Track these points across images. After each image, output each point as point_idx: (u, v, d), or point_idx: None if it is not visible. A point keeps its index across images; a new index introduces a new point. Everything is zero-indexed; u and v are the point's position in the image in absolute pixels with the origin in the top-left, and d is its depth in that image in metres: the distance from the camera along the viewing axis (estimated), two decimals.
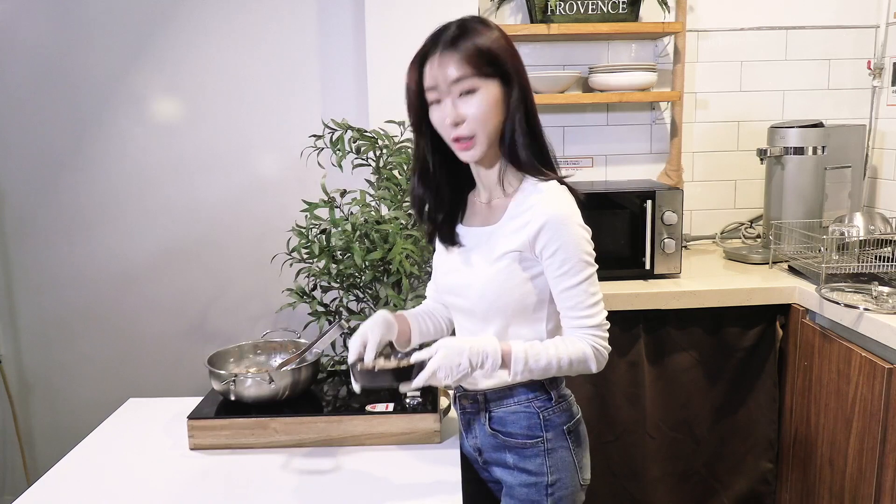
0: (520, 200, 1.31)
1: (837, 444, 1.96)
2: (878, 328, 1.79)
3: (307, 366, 1.63)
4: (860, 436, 1.86)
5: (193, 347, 2.71)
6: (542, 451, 1.36)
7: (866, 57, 2.70)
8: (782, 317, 2.21)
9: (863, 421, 1.84)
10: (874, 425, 1.79)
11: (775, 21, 2.69)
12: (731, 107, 2.74)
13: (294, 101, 2.63)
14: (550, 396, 1.37)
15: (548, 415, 1.37)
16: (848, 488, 1.92)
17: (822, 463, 2.04)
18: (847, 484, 1.92)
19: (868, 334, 1.82)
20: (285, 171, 2.64)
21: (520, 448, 1.37)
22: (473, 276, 1.34)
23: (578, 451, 1.40)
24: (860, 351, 1.85)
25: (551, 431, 1.37)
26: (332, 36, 2.60)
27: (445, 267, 1.42)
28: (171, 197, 2.68)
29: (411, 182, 1.40)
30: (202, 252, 2.71)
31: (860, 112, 2.72)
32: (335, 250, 1.99)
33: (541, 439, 1.36)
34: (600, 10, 2.50)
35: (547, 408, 1.37)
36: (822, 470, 2.05)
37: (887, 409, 1.75)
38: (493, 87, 1.26)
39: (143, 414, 1.74)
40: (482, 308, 1.33)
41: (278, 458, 1.49)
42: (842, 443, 1.94)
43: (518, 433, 1.37)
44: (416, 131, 1.37)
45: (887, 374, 1.74)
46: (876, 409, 1.79)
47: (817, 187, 2.41)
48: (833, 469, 1.99)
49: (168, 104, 2.64)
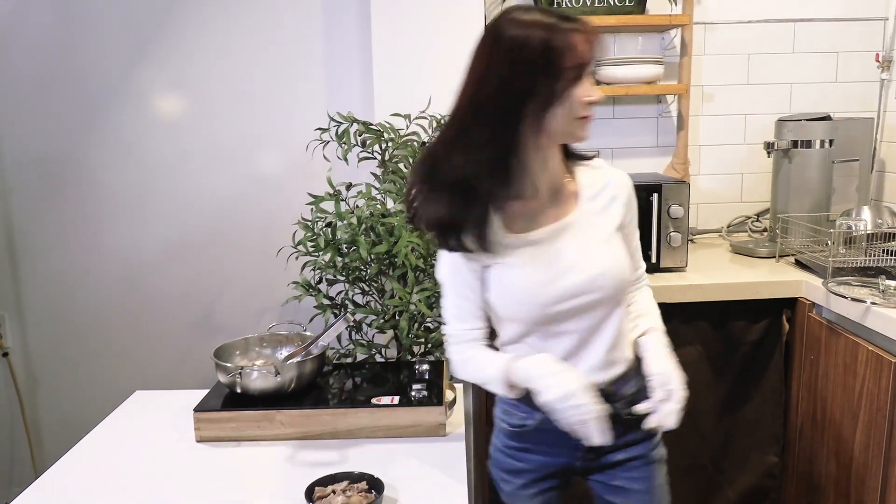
0: (591, 181, 1.34)
1: (843, 438, 1.96)
2: (885, 322, 1.78)
3: (313, 359, 1.63)
4: (866, 429, 1.85)
5: (200, 340, 2.72)
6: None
7: (875, 50, 2.68)
8: (789, 311, 2.20)
9: (869, 415, 1.84)
10: (881, 419, 1.79)
11: (783, 14, 2.68)
12: (738, 100, 2.73)
13: (299, 94, 2.63)
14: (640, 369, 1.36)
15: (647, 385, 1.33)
16: (854, 482, 1.91)
17: (828, 457, 2.04)
18: (853, 478, 1.92)
19: (875, 328, 1.82)
20: (291, 164, 2.64)
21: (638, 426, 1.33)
22: (600, 262, 1.29)
23: None
24: (867, 345, 1.85)
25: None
26: (338, 28, 2.59)
27: (538, 276, 1.27)
28: (177, 192, 2.68)
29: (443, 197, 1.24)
30: (208, 246, 2.71)
31: (868, 105, 2.71)
32: (341, 243, 1.99)
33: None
34: (607, 3, 2.48)
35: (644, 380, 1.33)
36: (827, 464, 2.04)
37: (894, 403, 1.75)
38: None
39: (150, 406, 1.75)
40: (620, 288, 1.32)
41: (284, 451, 1.49)
42: (848, 437, 1.93)
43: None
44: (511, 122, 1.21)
45: (894, 368, 1.74)
46: (882, 402, 1.78)
47: (825, 181, 2.40)
48: (839, 463, 1.98)
49: (172, 99, 2.64)
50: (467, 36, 2.30)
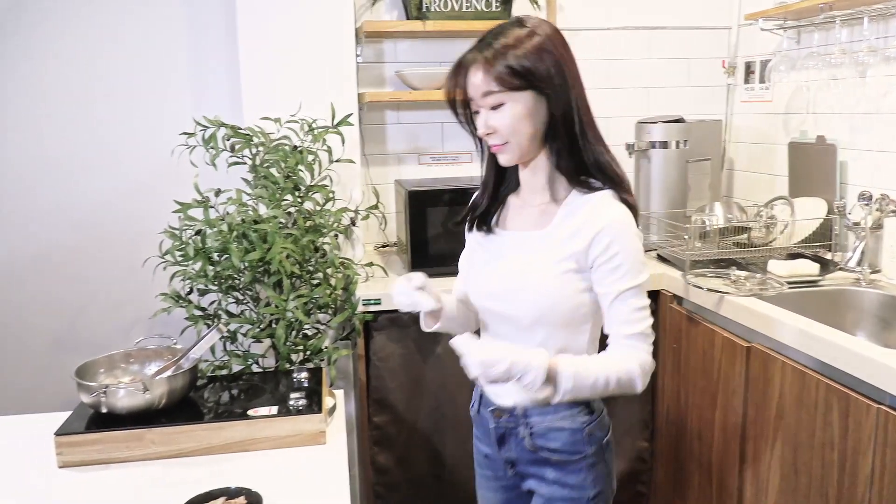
0: (571, 209, 1.30)
1: (705, 420, 2.09)
2: (736, 310, 1.92)
3: (184, 372, 1.56)
4: (724, 411, 1.99)
5: (60, 359, 2.56)
6: (584, 466, 1.34)
7: (721, 56, 2.88)
8: (653, 303, 2.32)
9: (726, 397, 1.97)
10: (736, 401, 1.92)
11: (639, 21, 2.83)
12: (599, 103, 2.78)
13: (164, 97, 2.53)
14: (593, 410, 1.36)
15: (591, 430, 1.35)
16: (715, 460, 2.05)
17: (692, 438, 2.17)
18: (714, 456, 2.05)
19: (728, 315, 1.95)
20: (157, 170, 2.52)
21: (561, 463, 1.35)
22: (525, 281, 1.30)
23: (611, 459, 1.40)
24: (722, 332, 1.98)
25: (594, 446, 1.35)
26: (202, 29, 2.51)
27: (482, 268, 1.38)
28: (36, 201, 2.51)
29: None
30: (69, 257, 2.56)
31: (717, 108, 2.90)
32: (211, 251, 1.93)
33: (584, 455, 1.34)
34: (474, 8, 2.54)
35: (591, 423, 1.35)
36: (691, 445, 2.17)
37: (746, 385, 1.88)
38: (523, 100, 1.25)
39: (5, 432, 1.63)
40: (532, 315, 1.29)
41: (156, 471, 1.43)
42: (708, 418, 2.07)
43: (561, 449, 1.34)
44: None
45: (746, 352, 1.87)
46: (737, 385, 1.91)
47: (681, 179, 2.55)
48: (702, 443, 2.12)
49: (30, 104, 2.47)
50: (337, 38, 2.31)
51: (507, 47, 1.24)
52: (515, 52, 1.23)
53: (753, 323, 1.85)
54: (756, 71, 2.75)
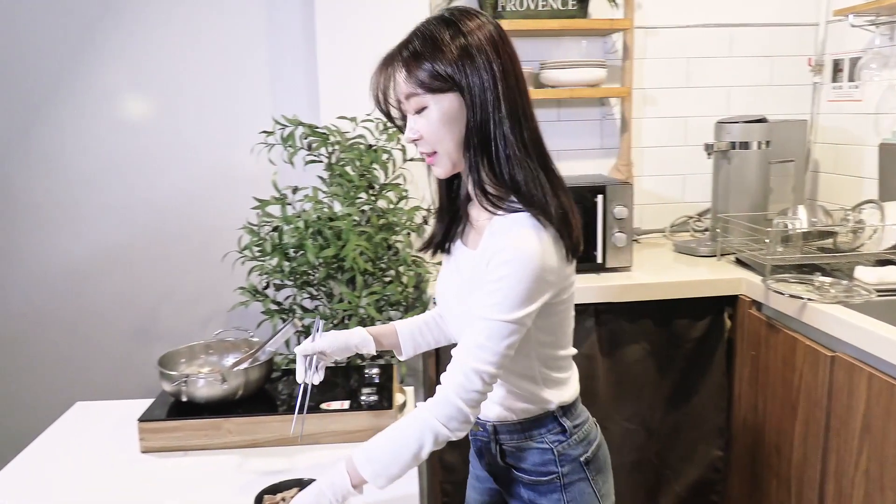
0: (492, 230, 1.19)
1: (784, 431, 2.02)
2: (820, 317, 1.84)
3: (260, 365, 1.60)
4: (805, 422, 1.91)
5: (143, 348, 2.66)
6: (559, 487, 1.26)
7: (807, 54, 2.78)
8: (730, 308, 2.26)
9: (807, 408, 1.90)
10: (818, 412, 1.85)
11: (720, 19, 2.75)
12: (678, 102, 2.79)
13: (243, 96, 2.60)
14: (565, 429, 1.27)
15: (563, 448, 1.27)
16: (794, 474, 1.97)
17: (770, 449, 2.10)
18: (793, 470, 1.98)
19: (811, 323, 1.88)
20: (236, 168, 2.60)
21: (533, 484, 1.28)
22: (459, 301, 1.26)
23: (598, 478, 1.30)
24: (804, 340, 1.91)
25: (567, 465, 1.27)
26: (281, 30, 2.57)
27: (441, 280, 1.36)
28: (121, 195, 2.62)
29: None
30: (152, 251, 2.66)
31: (801, 108, 2.80)
32: (288, 247, 1.97)
33: (556, 475, 1.26)
34: (550, 7, 2.52)
35: (562, 441, 1.27)
36: (769, 456, 2.10)
37: (830, 396, 1.81)
38: (446, 102, 1.14)
39: (92, 417, 1.70)
40: (455, 329, 1.30)
41: (232, 459, 1.47)
42: (788, 429, 1.99)
43: (531, 469, 1.28)
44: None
45: (829, 361, 1.80)
46: (819, 395, 1.84)
47: (762, 181, 2.47)
48: (780, 455, 2.04)
49: (115, 101, 2.58)
50: None
51: (430, 44, 1.13)
52: (442, 48, 1.12)
53: (838, 331, 1.77)
54: (845, 69, 2.64)
